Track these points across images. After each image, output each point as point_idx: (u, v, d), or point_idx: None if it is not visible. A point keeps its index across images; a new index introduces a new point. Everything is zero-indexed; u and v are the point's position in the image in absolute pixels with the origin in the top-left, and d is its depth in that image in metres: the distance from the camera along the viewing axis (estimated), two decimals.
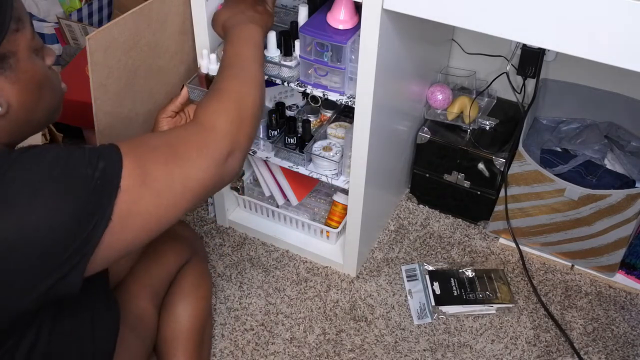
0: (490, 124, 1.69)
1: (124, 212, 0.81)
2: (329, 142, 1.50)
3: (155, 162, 0.87)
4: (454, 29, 1.73)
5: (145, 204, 0.84)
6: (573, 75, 1.66)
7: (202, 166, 0.92)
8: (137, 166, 0.84)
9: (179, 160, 0.90)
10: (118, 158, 0.82)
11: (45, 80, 0.88)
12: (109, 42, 1.24)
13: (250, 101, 1.05)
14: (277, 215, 1.71)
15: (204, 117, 0.98)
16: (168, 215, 0.89)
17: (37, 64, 0.86)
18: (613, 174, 1.59)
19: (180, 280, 1.35)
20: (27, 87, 0.84)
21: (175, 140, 0.93)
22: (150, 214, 0.86)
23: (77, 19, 1.99)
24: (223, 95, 1.03)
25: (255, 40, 1.16)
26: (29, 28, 0.84)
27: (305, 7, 1.35)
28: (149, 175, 0.85)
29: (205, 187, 0.93)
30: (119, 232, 0.82)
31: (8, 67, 0.81)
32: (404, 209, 1.82)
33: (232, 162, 0.97)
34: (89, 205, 0.78)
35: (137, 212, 0.83)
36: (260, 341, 1.49)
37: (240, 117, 1.00)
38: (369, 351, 1.47)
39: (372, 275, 1.64)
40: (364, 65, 1.23)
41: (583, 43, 1.01)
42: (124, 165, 0.82)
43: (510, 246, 1.69)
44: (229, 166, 0.96)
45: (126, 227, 0.82)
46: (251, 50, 1.14)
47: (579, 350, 1.47)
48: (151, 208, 0.85)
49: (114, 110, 1.34)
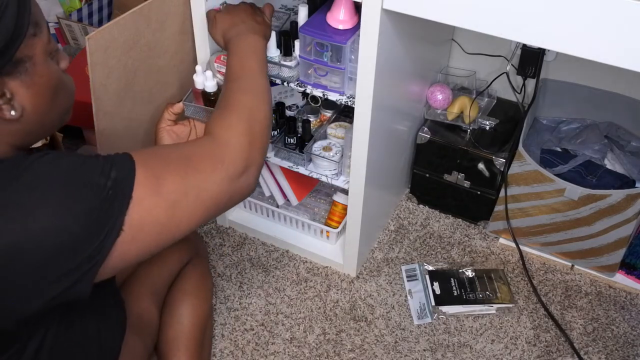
0: (490, 124, 1.69)
1: (135, 222, 0.81)
2: (329, 142, 1.50)
3: (170, 173, 0.87)
4: (454, 29, 1.73)
5: (158, 215, 0.84)
6: (573, 75, 1.66)
7: (216, 180, 0.92)
8: (150, 175, 0.84)
9: (193, 173, 0.89)
10: (131, 167, 0.82)
11: (60, 84, 0.88)
12: (109, 42, 1.24)
13: (262, 116, 1.05)
14: (277, 215, 1.71)
15: (217, 132, 0.98)
16: (180, 227, 0.88)
17: (52, 68, 0.85)
18: (613, 174, 1.59)
19: (182, 280, 1.35)
20: (41, 91, 0.84)
21: (189, 153, 0.93)
22: (162, 226, 0.85)
23: (77, 19, 1.99)
24: (235, 110, 1.03)
25: (259, 51, 1.17)
26: (46, 32, 0.84)
27: (305, 7, 1.35)
28: (163, 186, 0.85)
29: (219, 202, 0.93)
30: (130, 242, 0.81)
31: (24, 71, 0.81)
32: (404, 209, 1.82)
33: (247, 178, 0.97)
34: (100, 214, 0.78)
35: (149, 223, 0.83)
36: (260, 341, 1.49)
37: (253, 133, 1.01)
38: (369, 351, 1.47)
39: (372, 275, 1.64)
40: (364, 65, 1.23)
41: (583, 43, 1.01)
42: (137, 175, 0.82)
43: (510, 246, 1.69)
44: (243, 182, 0.97)
45: (137, 237, 0.82)
46: (257, 63, 1.15)
47: (579, 350, 1.47)
48: (163, 219, 0.85)
49: (114, 110, 1.34)
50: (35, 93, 0.83)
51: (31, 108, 0.83)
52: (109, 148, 1.38)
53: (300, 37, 1.31)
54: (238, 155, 0.96)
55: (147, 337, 1.24)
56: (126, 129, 1.41)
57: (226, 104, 1.06)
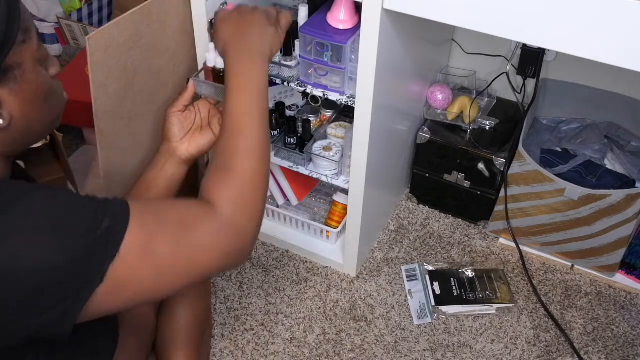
0: (490, 124, 1.69)
1: (118, 277, 0.78)
2: (329, 142, 1.50)
3: (163, 235, 0.83)
4: (454, 29, 1.73)
5: (142, 276, 0.81)
6: (573, 75, 1.66)
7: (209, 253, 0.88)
8: (143, 233, 0.81)
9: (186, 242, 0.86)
10: (125, 220, 0.79)
11: (49, 91, 0.86)
12: (109, 42, 1.24)
13: (262, 180, 0.98)
14: (277, 215, 1.71)
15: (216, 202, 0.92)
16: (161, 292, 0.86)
17: (42, 75, 0.84)
18: (613, 174, 1.59)
19: None
20: (30, 99, 0.82)
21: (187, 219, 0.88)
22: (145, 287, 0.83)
23: (77, 19, 1.99)
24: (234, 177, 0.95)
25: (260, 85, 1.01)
26: (36, 38, 0.82)
27: (305, 7, 1.35)
28: (153, 249, 0.82)
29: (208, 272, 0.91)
30: (110, 295, 0.79)
31: (13, 79, 0.79)
32: (404, 209, 1.82)
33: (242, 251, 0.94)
34: (83, 262, 0.75)
35: (132, 282, 0.80)
36: (260, 341, 1.49)
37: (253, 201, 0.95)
38: (369, 351, 1.47)
39: (372, 275, 1.64)
40: (364, 65, 1.23)
41: (583, 43, 1.01)
42: (129, 229, 0.79)
43: (510, 246, 1.69)
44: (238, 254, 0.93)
45: (118, 293, 0.80)
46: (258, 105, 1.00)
47: (579, 350, 1.47)
48: (146, 282, 0.82)
49: (114, 110, 1.34)
50: (24, 101, 0.81)
51: (19, 116, 0.81)
52: (109, 148, 1.38)
53: (300, 37, 1.31)
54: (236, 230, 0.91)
55: (144, 338, 1.23)
56: (126, 129, 1.41)
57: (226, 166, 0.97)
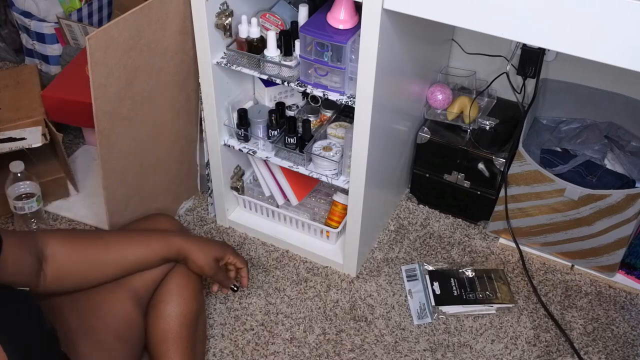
0: (490, 124, 1.69)
1: None
2: (329, 142, 1.50)
3: None
4: (454, 29, 1.73)
5: None
6: (573, 75, 1.66)
7: None
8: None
9: None
10: None
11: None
12: (109, 42, 1.24)
13: None
14: (277, 215, 1.71)
15: None
16: None
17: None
18: (613, 174, 1.59)
19: (167, 280, 1.32)
20: None
21: None
22: None
23: (77, 19, 1.99)
24: None
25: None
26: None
27: (305, 7, 1.35)
28: None
29: None
30: None
31: None
32: (404, 209, 1.82)
33: None
34: None
35: None
36: (260, 341, 1.49)
37: None
38: (369, 351, 1.47)
39: (372, 275, 1.64)
40: (364, 65, 1.23)
41: (583, 43, 1.01)
42: None
43: (510, 246, 1.69)
44: None
45: None
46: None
47: (579, 350, 1.47)
48: None
49: (114, 110, 1.34)
50: None
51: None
52: (109, 148, 1.38)
53: (300, 36, 1.31)
54: None
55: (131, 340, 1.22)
56: (126, 129, 1.41)
57: None
